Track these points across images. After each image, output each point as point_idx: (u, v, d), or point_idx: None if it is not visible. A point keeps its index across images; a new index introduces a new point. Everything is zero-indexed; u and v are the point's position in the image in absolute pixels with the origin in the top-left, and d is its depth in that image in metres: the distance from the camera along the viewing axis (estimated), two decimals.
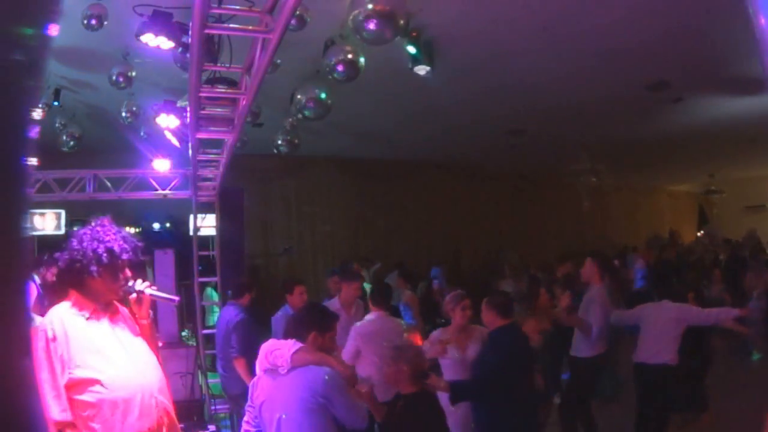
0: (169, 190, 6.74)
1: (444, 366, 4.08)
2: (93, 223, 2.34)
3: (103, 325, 2.30)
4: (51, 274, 5.72)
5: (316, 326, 2.72)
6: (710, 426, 5.42)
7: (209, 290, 7.96)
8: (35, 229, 8.17)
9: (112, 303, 2.39)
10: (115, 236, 2.32)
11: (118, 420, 2.19)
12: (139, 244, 2.41)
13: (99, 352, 2.23)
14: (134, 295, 2.43)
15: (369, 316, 4.42)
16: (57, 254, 2.32)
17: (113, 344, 2.29)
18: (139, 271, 2.46)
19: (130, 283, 2.41)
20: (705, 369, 5.70)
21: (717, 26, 5.87)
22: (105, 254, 2.25)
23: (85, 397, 2.16)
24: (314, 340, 2.68)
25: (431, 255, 12.85)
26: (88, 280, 2.26)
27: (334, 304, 4.81)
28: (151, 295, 2.48)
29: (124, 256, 2.32)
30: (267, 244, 12.07)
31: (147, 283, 2.47)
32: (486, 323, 3.83)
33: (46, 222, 8.77)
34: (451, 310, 4.11)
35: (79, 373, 2.16)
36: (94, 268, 2.23)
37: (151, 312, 2.53)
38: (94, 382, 2.18)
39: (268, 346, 2.77)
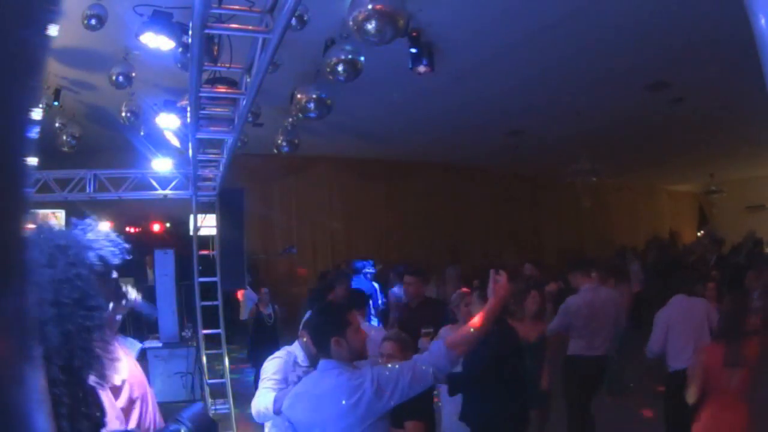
0: (169, 190, 6.73)
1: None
2: (76, 227, 2.27)
3: None
4: None
5: (334, 330, 2.48)
6: None
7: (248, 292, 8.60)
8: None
9: None
10: (104, 240, 2.24)
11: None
12: (125, 244, 2.34)
13: None
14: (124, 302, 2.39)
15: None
16: None
17: None
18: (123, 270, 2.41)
19: (124, 289, 2.37)
20: None
21: (717, 26, 5.87)
22: (98, 263, 2.20)
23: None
24: (338, 345, 2.43)
25: (431, 255, 12.84)
26: None
27: None
28: (136, 306, 2.47)
29: (115, 261, 2.26)
30: (267, 244, 12.08)
31: (139, 296, 2.44)
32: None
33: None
34: (456, 307, 4.17)
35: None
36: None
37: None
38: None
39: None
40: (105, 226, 2.29)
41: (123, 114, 7.05)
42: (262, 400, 2.89)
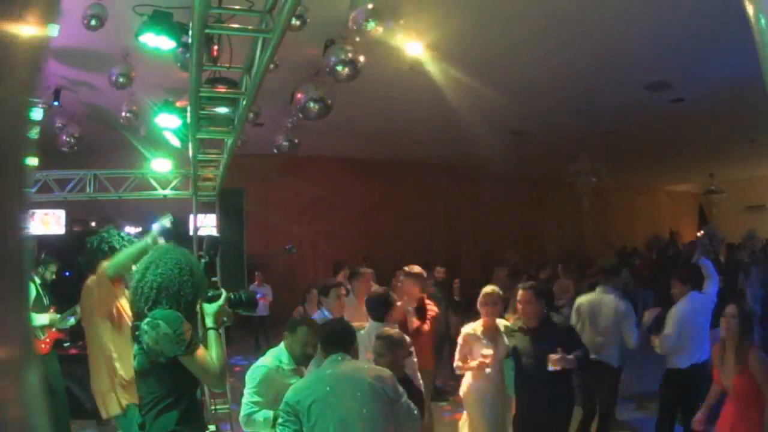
0: (169, 190, 6.72)
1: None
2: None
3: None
4: (50, 274, 5.73)
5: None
6: None
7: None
8: (35, 229, 8.17)
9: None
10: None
11: None
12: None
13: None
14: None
15: None
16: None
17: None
18: None
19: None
20: None
21: (717, 26, 5.87)
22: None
23: None
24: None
25: (431, 255, 12.83)
26: None
27: None
28: None
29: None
30: (267, 244, 12.07)
31: None
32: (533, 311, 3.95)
33: (46, 222, 8.77)
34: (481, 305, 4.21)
35: None
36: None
37: None
38: None
39: None
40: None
41: (123, 114, 7.04)
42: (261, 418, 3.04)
